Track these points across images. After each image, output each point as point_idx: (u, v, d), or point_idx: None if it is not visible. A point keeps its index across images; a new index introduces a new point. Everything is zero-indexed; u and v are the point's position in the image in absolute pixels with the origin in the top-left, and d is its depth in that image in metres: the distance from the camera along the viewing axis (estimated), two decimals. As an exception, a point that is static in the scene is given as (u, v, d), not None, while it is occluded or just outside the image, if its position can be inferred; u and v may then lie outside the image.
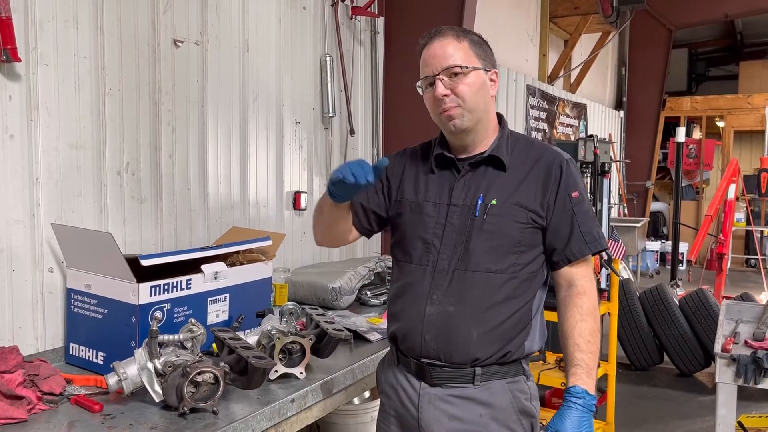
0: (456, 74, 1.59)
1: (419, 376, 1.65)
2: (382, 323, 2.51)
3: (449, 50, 1.60)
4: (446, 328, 1.60)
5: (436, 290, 1.61)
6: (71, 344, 2.06)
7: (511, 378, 1.63)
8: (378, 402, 2.96)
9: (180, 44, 2.56)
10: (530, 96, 6.11)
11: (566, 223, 1.62)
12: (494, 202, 1.60)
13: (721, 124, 11.05)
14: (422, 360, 1.63)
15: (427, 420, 1.63)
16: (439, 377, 1.62)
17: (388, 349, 1.80)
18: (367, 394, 3.00)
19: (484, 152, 1.65)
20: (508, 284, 1.60)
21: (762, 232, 10.04)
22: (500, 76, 5.88)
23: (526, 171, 1.64)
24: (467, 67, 1.59)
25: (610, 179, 5.40)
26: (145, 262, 1.92)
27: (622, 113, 9.83)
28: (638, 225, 7.60)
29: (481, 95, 1.61)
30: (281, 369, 1.90)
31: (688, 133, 11.00)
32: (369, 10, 3.67)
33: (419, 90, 1.69)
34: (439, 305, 1.61)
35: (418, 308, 1.63)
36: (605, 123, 9.05)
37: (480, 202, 1.61)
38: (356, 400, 2.94)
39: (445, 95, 1.59)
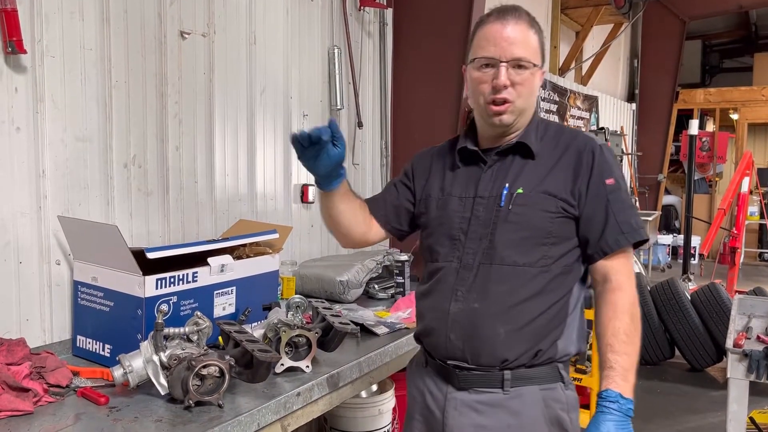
0: (521, 67, 1.49)
1: (446, 380, 1.57)
2: (390, 317, 2.50)
3: (522, 38, 1.50)
4: (471, 326, 1.51)
5: (460, 286, 1.53)
6: (78, 336, 2.06)
7: (546, 384, 1.52)
8: (385, 395, 2.95)
9: (187, 36, 2.55)
10: (541, 88, 6.05)
11: (600, 211, 1.50)
12: (520, 191, 1.51)
13: (735, 116, 10.93)
14: (448, 362, 1.55)
15: (452, 428, 1.55)
16: (467, 380, 1.53)
17: (418, 348, 1.73)
18: (374, 387, 2.99)
19: (512, 141, 1.57)
20: (538, 278, 1.49)
21: (776, 225, 9.93)
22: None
23: (556, 158, 1.54)
24: (534, 65, 1.51)
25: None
26: (151, 255, 1.92)
27: (634, 106, 9.74)
28: (650, 218, 7.53)
29: (534, 95, 1.56)
30: (287, 362, 1.89)
31: (702, 126, 10.90)
32: (377, 1, 3.64)
33: (470, 65, 1.56)
34: (463, 302, 1.52)
35: (443, 306, 1.55)
36: (617, 115, 8.97)
37: (506, 191, 1.52)
38: (363, 394, 2.93)
39: (505, 86, 1.49)
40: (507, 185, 1.53)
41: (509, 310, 1.49)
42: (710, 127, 11.63)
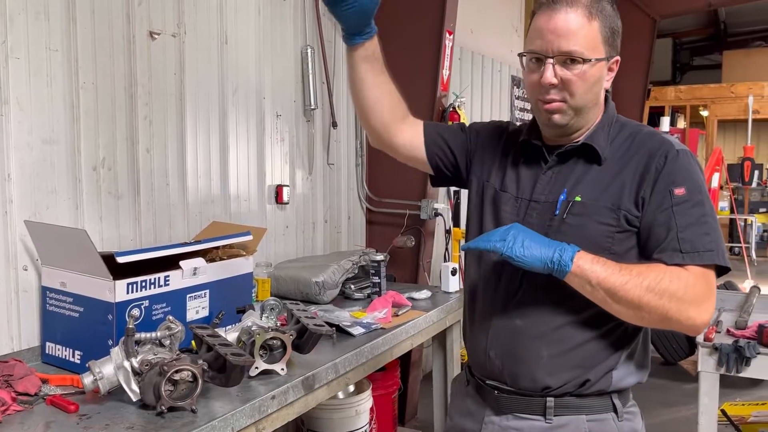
0: (573, 62, 1.32)
1: (484, 401, 1.47)
2: (366, 317, 2.49)
3: (573, 28, 1.30)
4: (512, 345, 1.40)
5: (503, 299, 1.41)
6: (47, 343, 2.02)
7: (595, 414, 1.37)
8: (362, 396, 2.95)
9: (156, 36, 2.51)
10: (515, 87, 6.09)
11: (662, 225, 1.30)
12: (578, 198, 1.36)
13: (705, 113, 11.13)
14: (487, 382, 1.45)
15: None
16: (505, 404, 1.42)
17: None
18: (351, 388, 2.99)
19: (577, 141, 1.41)
20: None
21: (745, 220, 10.12)
22: (484, 66, 5.79)
23: (624, 163, 1.36)
24: (589, 60, 1.31)
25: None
26: (121, 260, 1.88)
27: (606, 103, 9.85)
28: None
29: (594, 91, 1.36)
30: (261, 365, 1.87)
31: (673, 123, 11.06)
32: (350, 0, 3.62)
33: (522, 61, 1.40)
34: (505, 318, 1.40)
35: (483, 319, 1.45)
36: (590, 113, 9.03)
37: (562, 198, 1.38)
38: (340, 395, 2.92)
39: (552, 85, 1.33)
40: (565, 190, 1.39)
41: (555, 331, 1.37)
42: (681, 124, 11.82)
